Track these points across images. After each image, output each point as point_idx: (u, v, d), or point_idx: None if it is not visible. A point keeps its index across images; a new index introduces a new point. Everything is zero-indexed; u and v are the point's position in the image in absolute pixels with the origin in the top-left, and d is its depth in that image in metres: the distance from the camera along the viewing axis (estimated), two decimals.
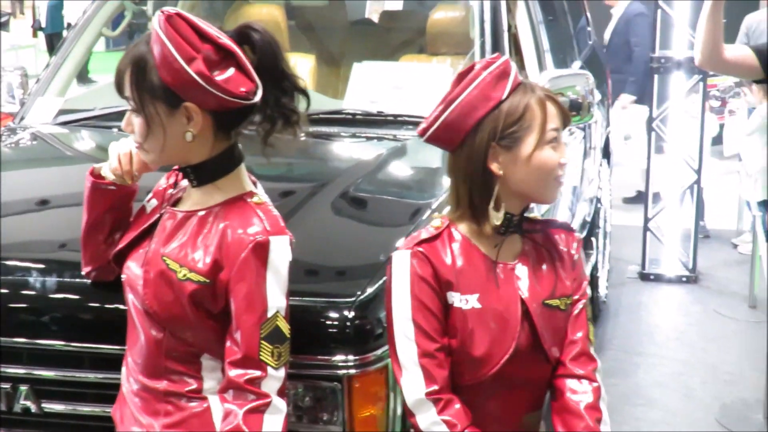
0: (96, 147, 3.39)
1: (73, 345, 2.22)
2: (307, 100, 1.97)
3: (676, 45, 6.26)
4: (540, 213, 3.29)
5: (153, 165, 2.00)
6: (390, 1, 5.78)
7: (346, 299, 2.15)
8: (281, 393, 1.88)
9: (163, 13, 1.83)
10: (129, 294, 2.00)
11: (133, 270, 1.98)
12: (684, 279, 6.22)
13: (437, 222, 2.02)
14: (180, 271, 1.89)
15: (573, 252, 2.11)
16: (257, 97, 1.87)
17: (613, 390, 4.44)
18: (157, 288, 1.91)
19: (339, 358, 2.10)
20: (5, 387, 2.23)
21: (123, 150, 2.05)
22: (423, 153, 3.23)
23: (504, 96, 1.95)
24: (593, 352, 2.11)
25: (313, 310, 2.14)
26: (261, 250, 1.85)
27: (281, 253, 1.88)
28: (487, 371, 1.97)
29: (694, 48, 5.91)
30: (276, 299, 1.87)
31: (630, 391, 4.58)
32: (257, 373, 1.85)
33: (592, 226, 5.21)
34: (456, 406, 1.95)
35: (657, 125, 6.27)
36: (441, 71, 3.69)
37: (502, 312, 1.98)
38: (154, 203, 2.05)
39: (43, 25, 15.51)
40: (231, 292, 1.87)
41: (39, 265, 2.37)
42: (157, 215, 2.01)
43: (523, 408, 2.08)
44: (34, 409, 2.23)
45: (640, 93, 7.45)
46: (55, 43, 12.57)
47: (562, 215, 4.07)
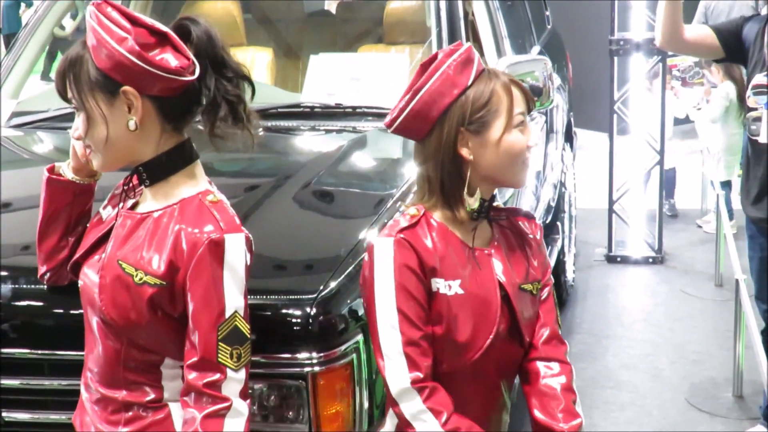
0: (52, 149, 3.34)
1: (34, 352, 2.18)
2: (252, 87, 1.95)
3: (634, 27, 6.29)
4: (505, 198, 3.30)
5: (101, 169, 1.97)
6: None
7: (308, 295, 2.13)
8: (243, 395, 1.85)
9: (93, 4, 1.83)
10: (86, 302, 1.96)
11: (90, 277, 1.94)
12: (650, 260, 6.25)
13: (413, 210, 2.02)
14: (136, 275, 1.86)
15: (538, 237, 2.15)
16: (194, 76, 1.85)
17: (582, 373, 4.46)
18: (114, 293, 1.88)
19: (303, 355, 2.07)
20: None
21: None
22: (383, 144, 3.21)
23: (469, 82, 1.96)
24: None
25: (275, 307, 2.12)
26: (216, 248, 1.83)
27: (237, 252, 1.85)
28: (471, 357, 1.98)
29: (654, 29, 5.96)
30: (234, 299, 1.84)
31: (599, 374, 4.60)
32: (216, 376, 1.82)
33: (557, 210, 5.22)
34: (440, 393, 1.94)
35: (618, 107, 6.29)
36: (399, 61, 3.67)
37: (483, 297, 1.99)
38: (110, 210, 2.01)
39: (0, 26, 15.30)
40: (187, 293, 1.84)
41: None
42: (114, 222, 1.97)
43: (498, 391, 2.09)
44: None
45: None
46: None
47: (527, 200, 4.07)
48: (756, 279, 3.81)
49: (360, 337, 2.15)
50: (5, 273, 2.32)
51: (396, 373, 1.93)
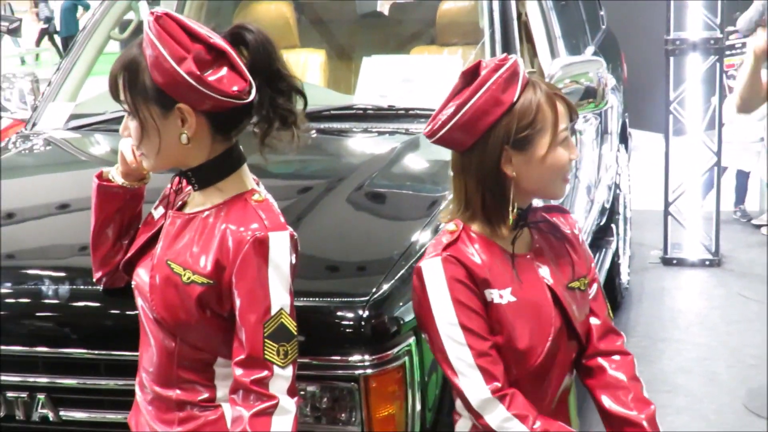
0: (108, 151, 3.38)
1: (91, 353, 2.22)
2: (304, 100, 1.95)
3: (690, 26, 6.20)
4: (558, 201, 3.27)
5: (152, 170, 1.99)
6: None
7: (360, 298, 2.13)
8: (291, 392, 1.85)
9: (153, 14, 1.82)
10: (139, 302, 1.99)
11: (142, 277, 1.97)
12: (707, 263, 6.16)
13: (451, 226, 2.01)
14: (184, 274, 1.88)
15: (576, 231, 2.15)
16: (251, 97, 1.85)
17: None
18: (164, 293, 1.90)
19: (355, 357, 2.08)
20: (23, 396, 2.23)
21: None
22: (436, 146, 3.19)
23: (515, 99, 1.94)
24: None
25: (328, 309, 2.12)
26: (260, 246, 1.84)
27: (281, 249, 1.85)
28: (533, 362, 1.98)
29: (709, 28, 5.86)
30: (279, 296, 1.85)
31: (654, 378, 4.54)
32: (263, 373, 1.83)
33: (611, 212, 5.17)
34: (521, 398, 1.94)
35: (674, 108, 6.21)
36: (451, 62, 3.67)
37: (535, 302, 1.99)
38: (161, 210, 2.03)
39: (58, 29, 15.56)
40: (234, 290, 1.85)
41: (55, 273, 2.36)
42: (163, 221, 2.00)
43: (557, 389, 2.08)
44: (51, 417, 2.23)
45: None
46: None
47: (580, 202, 4.03)
48: None
49: (412, 340, 2.15)
50: (63, 274, 2.36)
51: (473, 387, 1.92)
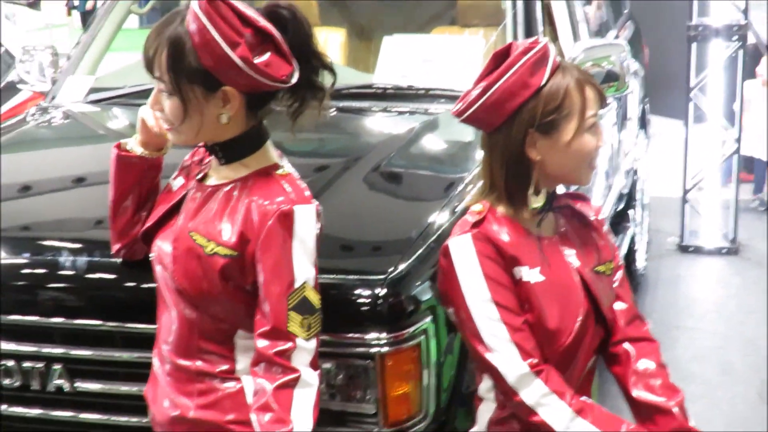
0: (127, 125, 3.38)
1: (106, 324, 2.23)
2: (334, 77, 1.95)
3: (713, 12, 6.15)
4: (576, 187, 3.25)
5: (181, 144, 1.99)
6: None
7: (378, 276, 2.13)
8: (313, 365, 1.85)
9: None
10: (159, 272, 1.98)
11: (162, 248, 1.96)
12: (724, 251, 6.13)
13: (478, 206, 2.00)
14: (208, 246, 1.88)
15: (600, 218, 2.14)
16: (294, 80, 1.86)
17: None
18: (186, 264, 1.90)
19: (371, 335, 2.08)
20: (39, 366, 2.24)
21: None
22: (455, 127, 3.14)
23: (543, 83, 1.92)
24: None
25: (345, 287, 2.12)
26: (286, 219, 1.84)
27: (307, 222, 1.85)
28: (562, 342, 1.96)
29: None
30: (303, 269, 1.85)
31: (669, 365, 4.49)
32: (287, 345, 1.83)
33: (629, 198, 5.14)
34: (556, 374, 1.92)
35: (695, 95, 6.17)
36: (473, 44, 3.64)
37: (563, 282, 1.98)
38: (180, 181, 2.03)
39: (76, 3, 15.55)
40: (258, 263, 1.85)
41: (72, 245, 2.37)
42: (184, 192, 2.00)
43: (581, 372, 2.07)
44: (67, 388, 2.24)
45: None
46: None
47: (599, 187, 4.01)
48: None
49: (429, 319, 2.15)
50: (81, 246, 2.36)
51: (510, 363, 1.90)
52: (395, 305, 2.10)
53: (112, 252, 2.18)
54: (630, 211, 5.19)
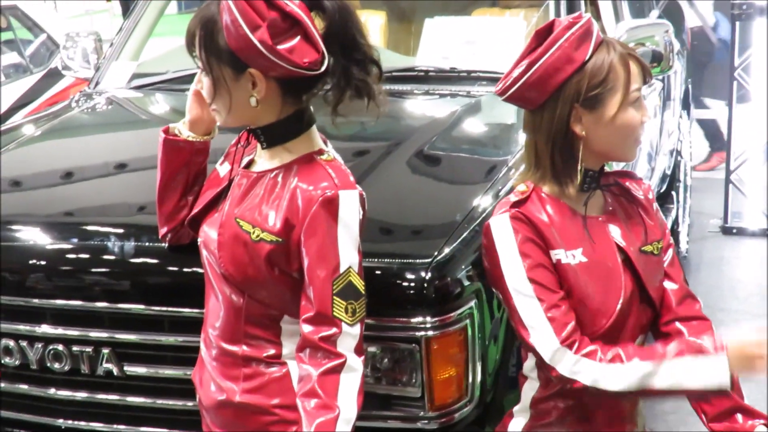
0: (170, 110, 3.40)
1: (153, 309, 2.25)
2: (379, 71, 1.93)
3: None
4: (620, 166, 3.23)
5: (223, 125, 2.00)
6: None
7: (423, 260, 2.13)
8: (358, 351, 1.86)
9: None
10: (206, 258, 2.00)
11: (209, 234, 1.98)
12: None
13: (522, 187, 2.00)
14: (253, 232, 1.88)
15: (651, 197, 2.12)
16: (323, 68, 1.85)
17: None
18: (233, 250, 1.91)
19: (417, 319, 2.08)
20: (88, 350, 2.27)
21: None
22: (497, 109, 3.17)
23: (587, 57, 1.92)
24: None
25: (390, 271, 2.12)
26: (330, 204, 1.84)
27: (351, 208, 1.86)
28: (605, 323, 1.95)
29: None
30: (348, 254, 1.85)
31: None
32: (332, 330, 1.83)
33: (672, 179, 5.09)
34: (587, 341, 1.91)
35: (739, 74, 6.08)
36: (514, 25, 3.61)
37: (605, 263, 1.97)
38: (226, 167, 2.05)
39: None
40: (303, 248, 1.86)
41: (118, 230, 2.39)
42: (231, 178, 2.01)
43: (634, 342, 2.05)
44: (116, 372, 2.26)
45: None
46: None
47: (641, 169, 3.98)
48: None
49: (474, 303, 2.14)
50: (126, 231, 2.38)
51: (545, 340, 1.90)
52: (440, 289, 2.10)
53: (159, 236, 2.19)
54: (673, 193, 5.14)
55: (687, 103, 5.73)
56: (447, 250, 2.17)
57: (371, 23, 4.02)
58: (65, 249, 2.39)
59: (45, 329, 2.30)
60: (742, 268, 5.72)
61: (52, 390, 2.32)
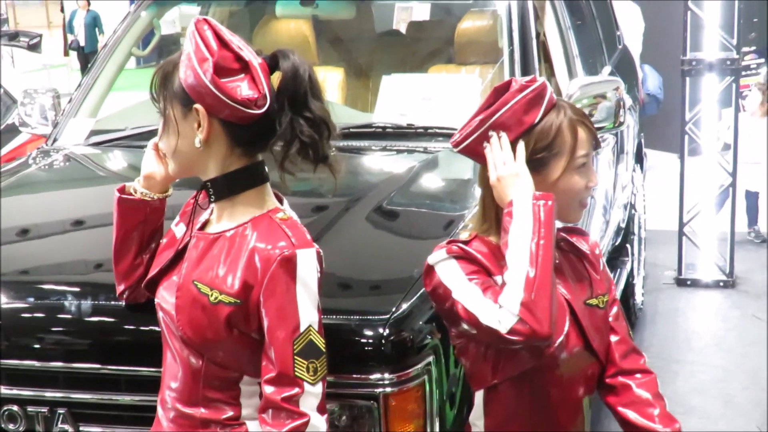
0: (128, 167, 3.40)
1: (110, 368, 2.23)
2: (329, 133, 1.92)
3: (707, 46, 6.20)
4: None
5: (173, 174, 2.02)
6: (417, 11, 5.76)
7: (380, 316, 2.14)
8: (321, 409, 1.86)
9: (195, 21, 1.89)
10: (162, 319, 1.99)
11: (166, 297, 1.98)
12: (721, 284, 6.14)
13: (465, 235, 2.05)
14: (212, 294, 1.89)
15: (597, 252, 2.17)
16: (262, 110, 1.86)
17: None
18: (191, 314, 1.91)
19: (375, 376, 2.08)
20: (43, 411, 2.24)
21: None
22: (454, 165, 3.21)
23: (536, 120, 1.97)
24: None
25: (348, 327, 2.13)
26: (288, 264, 1.85)
27: (309, 266, 1.87)
28: (548, 350, 1.97)
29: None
30: (308, 313, 1.86)
31: (669, 399, 4.38)
32: (294, 391, 1.84)
33: (626, 232, 5.16)
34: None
35: (690, 128, 6.21)
36: (470, 82, 3.68)
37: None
38: (182, 228, 2.05)
39: (83, 44, 15.47)
40: (262, 309, 1.86)
41: (75, 288, 2.38)
42: (186, 240, 2.01)
43: (579, 407, 2.11)
44: None
45: None
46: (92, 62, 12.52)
47: (596, 222, 4.03)
48: None
49: (432, 358, 2.15)
50: (82, 289, 2.37)
51: (490, 312, 1.87)
52: (398, 345, 2.11)
53: (117, 294, 2.19)
54: (627, 246, 5.20)
55: (640, 157, 5.82)
56: (405, 305, 2.18)
57: (329, 79, 4.06)
58: (20, 308, 2.37)
59: None
60: (696, 319, 5.79)
61: None
